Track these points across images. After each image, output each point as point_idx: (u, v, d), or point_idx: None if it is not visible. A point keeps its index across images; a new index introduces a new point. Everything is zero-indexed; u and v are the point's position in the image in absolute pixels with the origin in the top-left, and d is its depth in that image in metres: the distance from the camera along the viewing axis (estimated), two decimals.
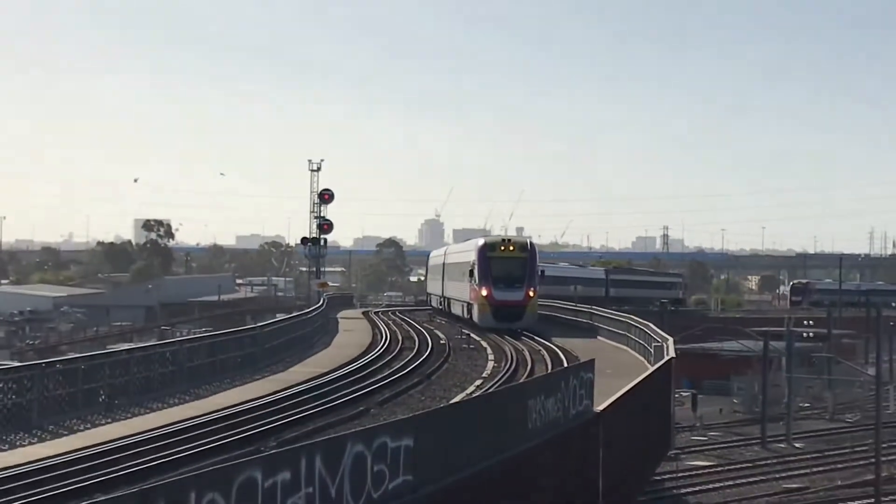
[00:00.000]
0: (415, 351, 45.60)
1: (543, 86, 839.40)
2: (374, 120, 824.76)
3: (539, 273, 60.63)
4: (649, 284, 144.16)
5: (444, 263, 74.65)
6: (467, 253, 63.59)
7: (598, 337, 54.23)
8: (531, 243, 61.83)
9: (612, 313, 61.06)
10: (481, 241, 61.61)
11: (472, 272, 59.30)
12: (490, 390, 31.78)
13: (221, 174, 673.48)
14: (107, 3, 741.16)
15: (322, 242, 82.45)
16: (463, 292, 63.08)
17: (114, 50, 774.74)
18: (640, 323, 48.42)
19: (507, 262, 58.18)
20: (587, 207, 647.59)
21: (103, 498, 13.57)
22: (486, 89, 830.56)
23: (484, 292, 57.04)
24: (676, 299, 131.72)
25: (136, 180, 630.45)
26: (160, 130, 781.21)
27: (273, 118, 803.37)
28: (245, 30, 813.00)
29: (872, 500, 45.89)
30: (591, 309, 65.06)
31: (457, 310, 66.60)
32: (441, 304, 76.45)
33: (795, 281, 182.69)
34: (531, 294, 57.93)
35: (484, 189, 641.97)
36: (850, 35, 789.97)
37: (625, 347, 48.57)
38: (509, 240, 61.32)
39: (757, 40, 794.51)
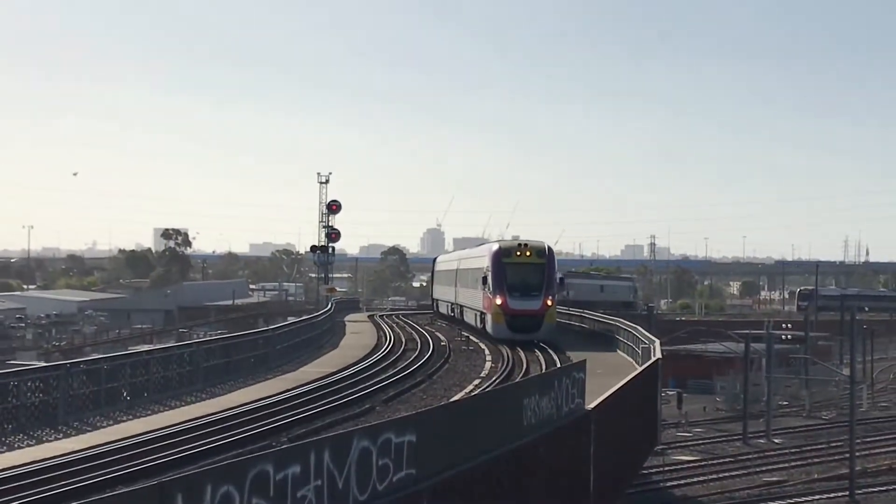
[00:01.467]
0: (417, 352, 45.45)
1: (539, 100, 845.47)
2: (379, 134, 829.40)
3: (557, 280, 53.98)
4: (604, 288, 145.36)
5: (457, 269, 67.26)
6: (480, 258, 56.40)
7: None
8: (549, 248, 53.25)
9: (601, 316, 61.02)
10: (495, 246, 54.28)
11: (485, 279, 52.01)
12: (488, 389, 31.76)
13: (74, 174, 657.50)
14: (132, 19, 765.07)
15: (330, 250, 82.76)
16: (476, 301, 56.21)
17: (135, 62, 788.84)
18: (628, 326, 48.43)
19: (523, 268, 51.17)
20: (580, 217, 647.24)
21: (125, 490, 13.57)
22: (485, 104, 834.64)
23: (498, 301, 49.96)
24: (627, 302, 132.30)
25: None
26: (178, 142, 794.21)
27: (285, 131, 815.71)
28: (259, 46, 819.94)
29: (847, 493, 45.89)
30: (583, 313, 64.98)
31: (469, 318, 59.78)
32: (452, 312, 69.28)
33: (802, 288, 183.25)
34: (549, 303, 50.50)
35: (482, 199, 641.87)
36: (829, 53, 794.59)
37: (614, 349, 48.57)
38: (526, 244, 53.06)
39: (740, 56, 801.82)
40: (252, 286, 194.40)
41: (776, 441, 61.17)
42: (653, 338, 40.55)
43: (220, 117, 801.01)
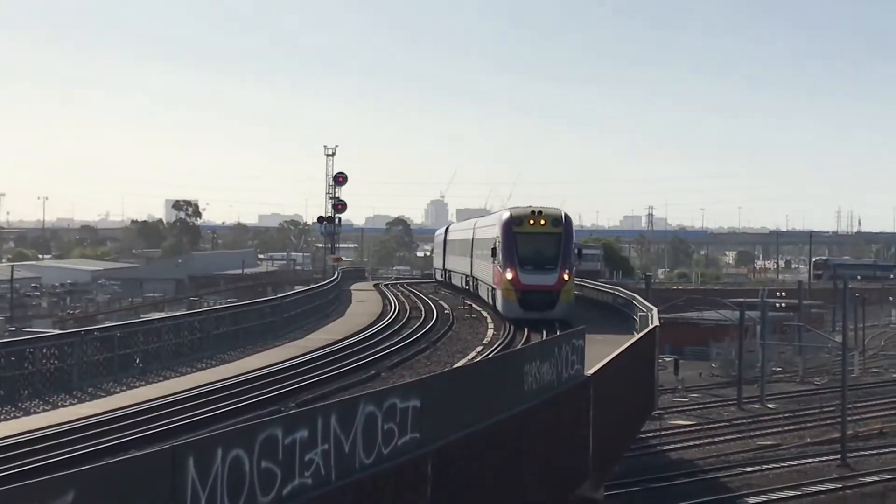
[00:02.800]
0: (421, 320, 45.30)
1: (540, 74, 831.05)
2: (384, 106, 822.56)
3: (576, 252, 46.67)
4: None
5: (472, 238, 59.16)
6: (491, 227, 49.22)
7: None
8: (566, 215, 45.27)
9: (600, 285, 60.97)
10: (506, 214, 46.04)
11: (494, 251, 45.38)
12: (489, 356, 31.75)
13: None
14: None
15: (336, 221, 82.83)
16: (488, 274, 49.38)
17: (148, 35, 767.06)
18: (626, 294, 48.43)
19: (536, 238, 43.58)
20: (580, 188, 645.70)
21: (138, 454, 13.60)
22: (487, 76, 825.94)
23: (509, 275, 42.77)
24: (595, 270, 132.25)
25: None
26: (189, 114, 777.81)
27: (292, 104, 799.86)
28: (266, 20, 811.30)
29: (839, 456, 46.05)
30: (581, 282, 64.88)
31: (483, 293, 53.01)
32: (467, 285, 61.84)
33: (817, 258, 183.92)
34: (566, 277, 43.02)
35: (485, 171, 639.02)
36: (822, 26, 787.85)
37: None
38: (540, 211, 44.47)
39: (735, 29, 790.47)
40: (260, 256, 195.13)
41: (770, 406, 61.43)
42: (650, 306, 40.53)
43: (229, 90, 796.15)
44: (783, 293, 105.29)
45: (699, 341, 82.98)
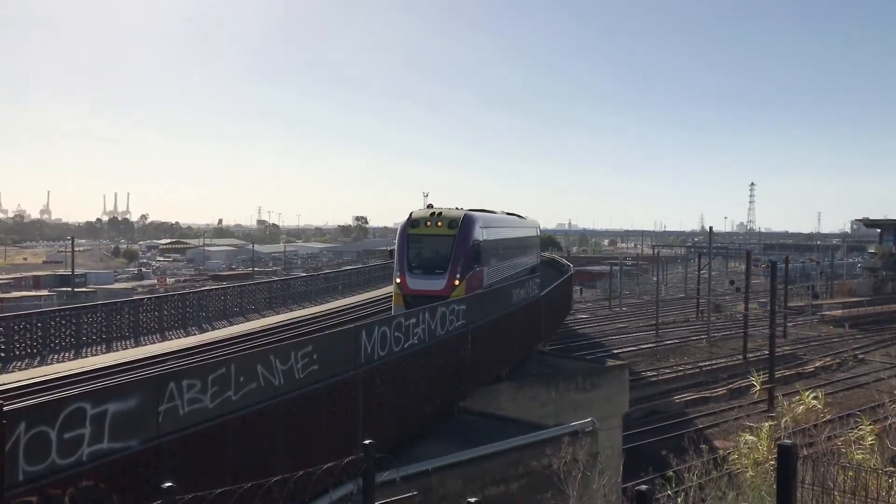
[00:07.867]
0: None
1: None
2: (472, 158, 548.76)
3: (474, 255, 19.08)
4: None
5: None
6: None
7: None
8: (465, 217, 19.05)
9: (547, 256, 59.94)
10: (408, 215, 19.42)
11: (392, 253, 20.75)
12: (497, 287, 31.25)
13: None
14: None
15: None
16: None
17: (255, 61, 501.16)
18: (560, 260, 47.54)
19: (429, 241, 18.64)
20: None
21: (339, 329, 13.50)
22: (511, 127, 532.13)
23: (397, 279, 18.54)
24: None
25: None
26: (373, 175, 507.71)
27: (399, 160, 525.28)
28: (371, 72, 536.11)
29: (654, 332, 44.81)
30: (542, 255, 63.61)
31: None
32: None
33: (655, 243, 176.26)
34: (456, 283, 18.49)
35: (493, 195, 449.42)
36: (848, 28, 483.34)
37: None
38: (439, 213, 19.05)
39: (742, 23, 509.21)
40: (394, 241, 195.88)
41: (623, 308, 60.24)
42: (569, 264, 39.92)
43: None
44: (629, 259, 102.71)
45: (592, 279, 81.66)
